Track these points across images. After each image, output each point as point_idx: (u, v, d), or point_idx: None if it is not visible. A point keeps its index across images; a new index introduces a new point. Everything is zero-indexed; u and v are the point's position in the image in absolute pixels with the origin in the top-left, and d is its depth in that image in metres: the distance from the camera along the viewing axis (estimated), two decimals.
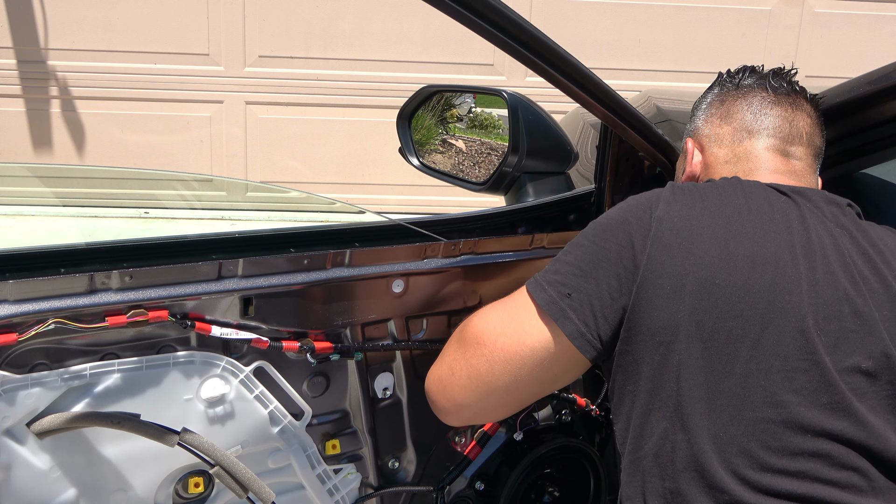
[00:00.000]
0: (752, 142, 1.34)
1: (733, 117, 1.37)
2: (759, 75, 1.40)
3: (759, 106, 1.36)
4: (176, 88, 5.17)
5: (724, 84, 1.43)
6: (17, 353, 1.22)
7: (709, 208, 1.17)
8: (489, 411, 1.30)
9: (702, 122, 1.42)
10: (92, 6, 4.98)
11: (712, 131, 1.39)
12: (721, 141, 1.37)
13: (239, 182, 5.35)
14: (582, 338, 1.15)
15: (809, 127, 1.35)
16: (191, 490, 1.39)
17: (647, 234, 1.14)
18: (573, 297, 1.15)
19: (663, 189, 1.22)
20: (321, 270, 1.39)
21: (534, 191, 1.75)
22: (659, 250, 1.12)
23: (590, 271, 1.16)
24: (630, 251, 1.14)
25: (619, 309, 1.14)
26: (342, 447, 1.53)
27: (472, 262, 1.52)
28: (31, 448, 1.24)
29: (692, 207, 1.17)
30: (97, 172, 5.05)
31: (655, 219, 1.15)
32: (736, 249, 1.11)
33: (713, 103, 1.42)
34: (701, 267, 1.10)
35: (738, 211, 1.16)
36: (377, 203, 5.37)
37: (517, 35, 1.23)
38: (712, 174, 1.36)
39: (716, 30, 5.40)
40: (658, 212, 1.16)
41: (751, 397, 1.06)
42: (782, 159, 1.32)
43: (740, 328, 1.07)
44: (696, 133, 1.43)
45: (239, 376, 1.37)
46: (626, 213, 1.20)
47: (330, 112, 5.33)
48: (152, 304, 1.26)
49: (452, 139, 2.02)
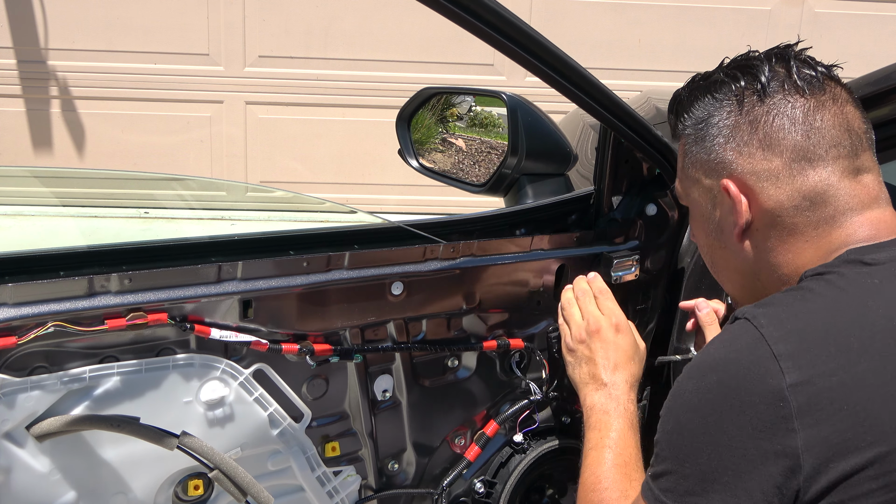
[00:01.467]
0: (817, 171, 1.05)
1: (779, 143, 1.06)
2: (776, 72, 1.09)
3: (804, 118, 1.06)
4: (176, 88, 5.17)
5: (745, 94, 1.10)
6: (16, 356, 1.22)
7: (850, 343, 0.91)
8: None
9: (732, 154, 1.10)
10: (92, 6, 4.98)
11: (756, 166, 1.08)
12: (776, 178, 1.06)
13: (231, 183, 5.35)
14: None
15: (860, 119, 1.09)
16: (190, 493, 1.39)
17: (789, 412, 0.88)
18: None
19: (763, 338, 0.93)
20: (320, 273, 1.39)
21: (533, 192, 1.75)
22: (816, 427, 0.87)
23: (731, 482, 0.90)
24: (774, 441, 0.88)
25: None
26: (342, 449, 1.54)
27: (472, 265, 1.52)
28: (31, 451, 1.24)
29: (827, 353, 0.91)
30: (97, 174, 5.05)
31: (790, 388, 0.89)
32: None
33: (739, 127, 1.09)
34: (883, 433, 0.88)
35: (889, 327, 0.92)
36: (377, 203, 5.36)
37: (515, 37, 1.23)
38: (777, 222, 1.08)
39: (716, 30, 5.40)
40: (789, 378, 0.89)
41: None
42: (858, 184, 1.06)
43: None
44: (730, 170, 1.10)
45: (238, 379, 1.37)
46: (736, 392, 0.92)
47: (330, 112, 5.32)
48: (151, 306, 1.26)
49: (452, 138, 2.02)
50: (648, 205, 1.66)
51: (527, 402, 1.67)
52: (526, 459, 1.67)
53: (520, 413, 1.67)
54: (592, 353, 1.41)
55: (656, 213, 1.66)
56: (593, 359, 1.40)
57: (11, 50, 5.02)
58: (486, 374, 1.65)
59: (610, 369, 1.39)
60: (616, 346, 1.41)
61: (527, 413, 1.67)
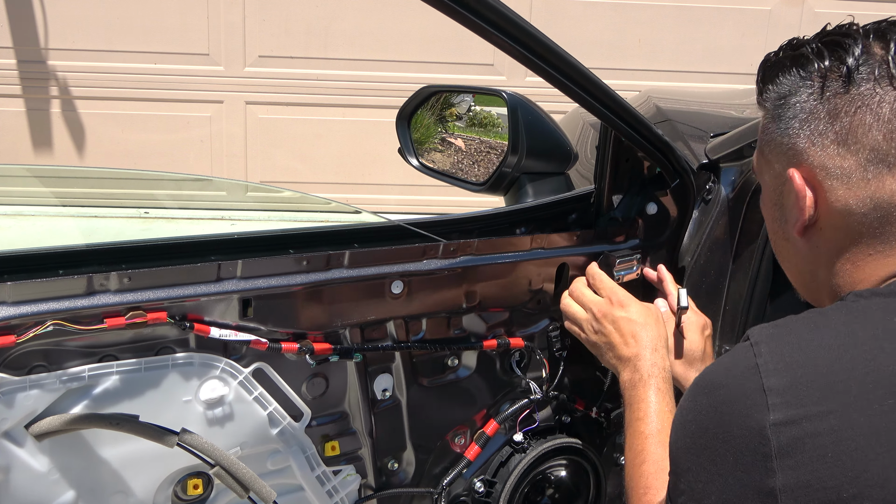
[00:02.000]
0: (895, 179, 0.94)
1: (858, 140, 0.95)
2: (870, 55, 0.96)
3: (891, 115, 0.93)
4: (176, 88, 5.17)
5: (828, 79, 0.98)
6: (15, 354, 1.22)
7: (850, 385, 0.83)
8: None
9: (805, 143, 0.99)
10: (92, 6, 4.98)
11: (828, 161, 0.97)
12: (847, 178, 0.96)
13: (235, 183, 5.36)
14: None
15: None
16: (190, 492, 1.39)
17: (768, 451, 0.83)
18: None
19: (757, 363, 0.87)
20: (320, 271, 1.38)
21: (533, 191, 1.75)
22: (796, 469, 0.82)
23: (708, 501, 0.88)
24: (753, 476, 0.84)
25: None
26: (341, 448, 1.53)
27: (472, 263, 1.52)
28: (30, 450, 1.24)
29: (823, 396, 0.83)
30: (97, 173, 5.05)
31: (773, 427, 0.83)
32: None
33: (817, 114, 0.98)
34: (873, 485, 0.79)
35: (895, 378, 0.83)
36: (377, 203, 5.36)
37: (516, 35, 1.23)
38: (840, 225, 0.98)
39: (716, 30, 5.40)
40: (773, 416, 0.83)
41: None
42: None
43: None
44: (800, 159, 1.00)
45: (238, 378, 1.37)
46: (720, 419, 0.88)
47: (330, 112, 5.32)
48: (151, 305, 1.26)
49: (452, 137, 2.02)
50: (649, 203, 1.66)
51: (527, 402, 1.67)
52: (526, 459, 1.67)
53: (520, 412, 1.67)
54: (608, 336, 1.46)
55: (657, 212, 1.66)
56: (611, 342, 1.45)
57: (11, 50, 5.03)
58: (486, 373, 1.65)
59: (627, 344, 1.43)
60: (625, 319, 1.45)
61: (527, 412, 1.67)
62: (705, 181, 1.64)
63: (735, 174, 1.66)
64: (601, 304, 1.49)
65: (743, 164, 1.65)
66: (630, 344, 1.43)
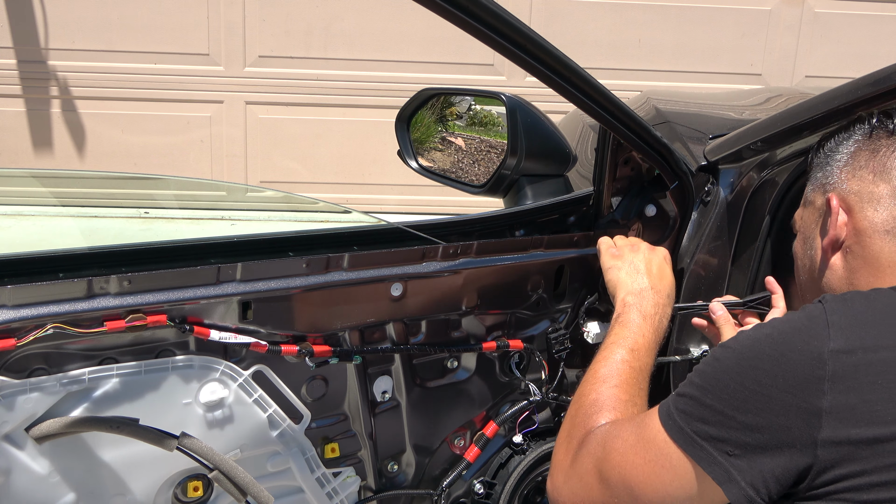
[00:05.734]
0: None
1: (891, 172, 1.13)
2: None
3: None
4: (176, 88, 5.17)
5: (876, 129, 1.18)
6: (15, 357, 1.22)
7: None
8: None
9: (846, 175, 1.17)
10: (92, 6, 4.98)
11: (863, 189, 1.14)
12: (878, 202, 1.13)
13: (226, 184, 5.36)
14: (749, 502, 0.96)
15: None
16: (190, 494, 1.39)
17: (823, 373, 0.93)
18: (739, 458, 0.96)
19: (824, 310, 1.00)
20: (319, 274, 1.39)
21: (532, 193, 1.75)
22: (845, 393, 0.92)
23: (749, 424, 0.96)
24: (801, 397, 0.93)
25: (795, 469, 0.94)
26: (341, 450, 1.54)
27: (471, 266, 1.52)
28: (30, 453, 1.24)
29: (880, 334, 0.95)
30: (96, 176, 5.05)
31: (831, 353, 0.94)
32: None
33: (860, 152, 1.17)
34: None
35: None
36: (377, 203, 5.36)
37: (513, 38, 1.23)
38: (867, 244, 1.13)
39: (716, 30, 5.39)
40: (833, 343, 0.94)
41: None
42: None
43: None
44: (838, 188, 1.18)
45: (238, 380, 1.37)
46: (781, 345, 0.98)
47: (330, 112, 5.32)
48: (151, 308, 1.26)
49: (452, 137, 2.02)
50: (648, 206, 1.66)
51: (526, 403, 1.67)
52: (525, 460, 1.67)
53: (519, 414, 1.67)
54: (634, 262, 1.48)
55: (655, 214, 1.66)
56: (635, 263, 1.48)
57: (11, 50, 5.03)
58: (485, 375, 1.65)
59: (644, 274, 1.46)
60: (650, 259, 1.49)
61: (526, 414, 1.67)
62: (704, 183, 1.64)
63: (734, 176, 1.66)
64: (623, 246, 1.53)
65: (742, 166, 1.65)
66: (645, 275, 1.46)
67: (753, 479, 0.95)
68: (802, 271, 1.27)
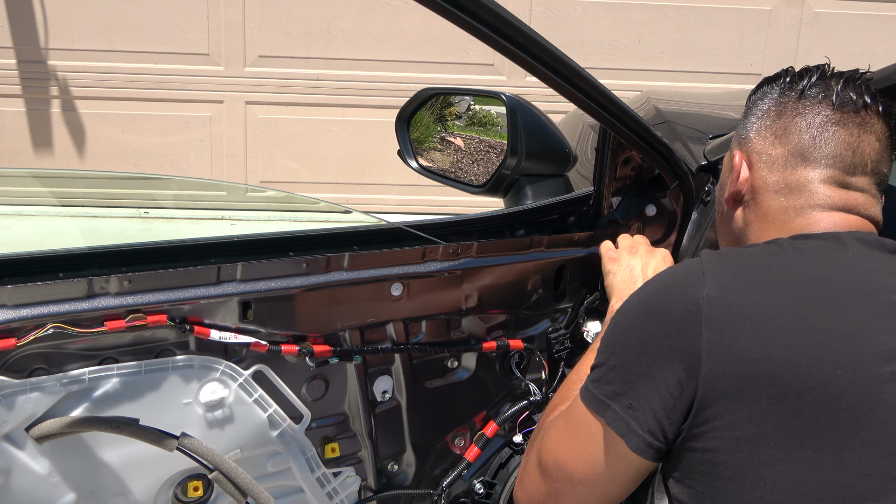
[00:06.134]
0: (807, 171, 1.17)
1: (790, 137, 1.19)
2: (826, 84, 1.20)
3: (821, 127, 1.17)
4: (176, 88, 5.17)
5: (786, 90, 1.23)
6: (15, 357, 1.22)
7: (770, 278, 1.04)
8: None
9: (754, 133, 1.25)
10: (92, 6, 4.98)
11: (764, 150, 1.22)
12: (773, 164, 1.20)
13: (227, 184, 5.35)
14: (650, 448, 1.04)
15: (876, 153, 1.18)
16: (190, 494, 1.39)
17: (699, 318, 1.00)
18: (634, 407, 1.03)
19: (701, 260, 1.08)
20: (320, 274, 1.39)
21: (532, 193, 1.75)
22: (719, 334, 0.99)
23: (643, 372, 1.03)
24: (682, 341, 1.01)
25: (683, 409, 1.01)
26: (341, 450, 1.54)
27: (471, 266, 1.52)
28: (30, 453, 1.24)
29: (749, 280, 1.03)
30: (96, 175, 5.05)
31: (706, 298, 1.01)
32: (817, 322, 0.98)
33: (770, 112, 1.23)
34: (780, 347, 0.97)
35: (808, 278, 1.03)
36: (377, 203, 5.36)
37: (513, 38, 1.23)
38: (760, 201, 1.21)
39: (716, 30, 5.39)
40: (707, 290, 1.02)
41: (867, 485, 0.94)
42: (839, 191, 1.16)
43: (845, 410, 0.95)
44: (746, 145, 1.25)
45: (238, 380, 1.37)
46: (662, 297, 1.06)
47: (330, 112, 5.32)
48: (151, 308, 1.26)
49: (451, 137, 2.02)
50: (648, 205, 1.66)
51: (526, 403, 1.67)
52: None
53: (519, 414, 1.67)
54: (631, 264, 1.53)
55: (656, 214, 1.66)
56: (631, 267, 1.52)
57: (11, 50, 5.03)
58: (485, 375, 1.65)
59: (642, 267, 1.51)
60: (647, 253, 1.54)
61: (526, 414, 1.67)
62: (704, 183, 1.64)
63: None
64: (622, 247, 1.57)
65: None
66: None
67: (650, 425, 1.02)
68: (716, 216, 1.36)
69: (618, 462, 1.07)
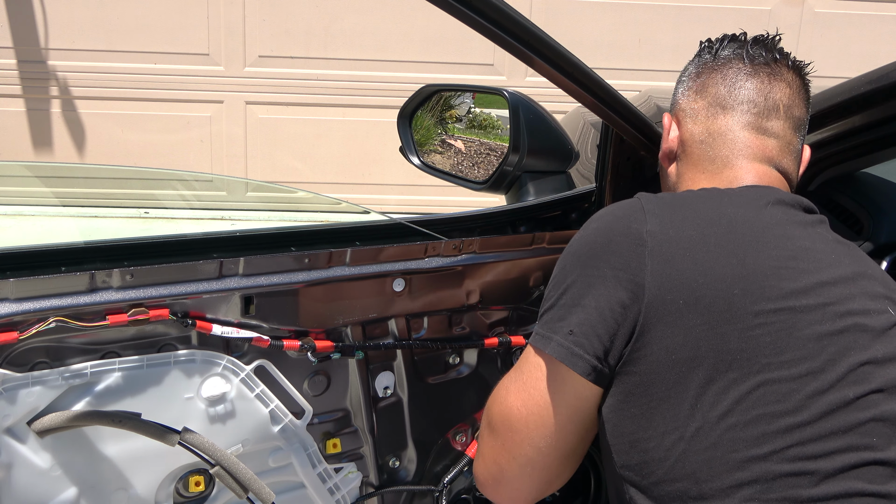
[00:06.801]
0: (726, 118, 1.28)
1: (708, 91, 1.32)
2: (738, 44, 1.33)
3: (734, 78, 1.30)
4: (176, 88, 5.17)
5: (703, 55, 1.37)
6: (17, 351, 1.22)
7: (704, 217, 1.12)
8: (554, 481, 1.23)
9: (680, 96, 1.37)
10: (92, 6, 4.98)
11: (688, 105, 1.34)
12: (696, 116, 1.32)
13: (241, 181, 5.36)
14: (594, 371, 1.08)
15: (788, 98, 1.29)
16: (192, 489, 1.39)
17: (643, 249, 1.08)
18: (576, 333, 1.08)
19: (639, 201, 1.16)
20: (322, 269, 1.39)
21: (534, 190, 1.75)
22: (662, 264, 1.07)
23: (587, 303, 1.09)
24: (627, 271, 1.08)
25: (625, 333, 1.07)
26: (343, 446, 1.53)
27: (473, 262, 1.52)
28: (32, 447, 1.24)
29: (685, 218, 1.12)
30: (97, 171, 5.05)
31: (648, 233, 1.09)
32: (745, 258, 1.07)
33: (691, 76, 1.37)
34: (715, 278, 1.05)
35: (736, 220, 1.12)
36: (378, 203, 5.37)
37: (517, 33, 1.23)
38: (689, 152, 1.32)
39: (716, 30, 5.35)
40: (649, 225, 1.10)
41: (787, 403, 1.03)
42: (757, 138, 1.27)
43: (767, 336, 1.03)
44: (675, 107, 1.38)
45: (240, 375, 1.37)
46: (607, 233, 1.13)
47: (330, 112, 5.33)
48: (153, 302, 1.26)
49: (451, 139, 2.02)
50: None
51: None
52: None
53: None
54: None
55: None
56: None
57: (11, 50, 5.03)
58: (487, 371, 1.65)
59: None
60: None
61: None
62: None
63: None
64: None
65: None
66: None
67: (595, 349, 1.07)
68: (660, 179, 1.43)
69: (563, 392, 1.12)
